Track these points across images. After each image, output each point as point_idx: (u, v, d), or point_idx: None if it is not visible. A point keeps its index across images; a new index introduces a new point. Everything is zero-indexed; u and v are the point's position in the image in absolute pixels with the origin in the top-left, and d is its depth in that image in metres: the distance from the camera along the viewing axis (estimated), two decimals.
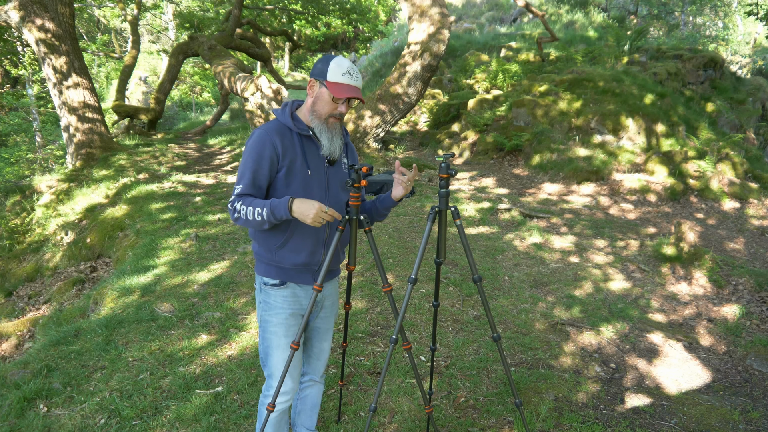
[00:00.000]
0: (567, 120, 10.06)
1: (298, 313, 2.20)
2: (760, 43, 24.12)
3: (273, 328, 2.17)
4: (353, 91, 2.02)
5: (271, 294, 2.17)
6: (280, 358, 2.18)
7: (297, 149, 2.08)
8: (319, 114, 2.08)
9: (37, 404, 3.06)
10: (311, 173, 2.10)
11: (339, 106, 2.05)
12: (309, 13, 18.13)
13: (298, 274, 2.17)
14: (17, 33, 11.81)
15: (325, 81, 2.03)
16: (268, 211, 1.96)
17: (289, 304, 2.17)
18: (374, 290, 4.63)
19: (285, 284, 2.16)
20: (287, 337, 2.17)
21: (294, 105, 2.19)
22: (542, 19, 12.18)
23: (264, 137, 2.05)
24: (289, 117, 2.11)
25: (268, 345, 2.19)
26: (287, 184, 2.08)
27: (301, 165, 2.08)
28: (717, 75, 13.30)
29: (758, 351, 3.85)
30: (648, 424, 3.01)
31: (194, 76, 25.39)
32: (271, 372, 2.20)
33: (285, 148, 2.05)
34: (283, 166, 2.06)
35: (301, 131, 2.09)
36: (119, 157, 10.27)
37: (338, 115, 2.07)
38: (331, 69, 2.02)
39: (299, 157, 2.08)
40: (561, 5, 19.43)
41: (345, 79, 2.02)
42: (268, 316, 2.18)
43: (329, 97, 2.03)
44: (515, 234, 6.29)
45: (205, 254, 5.55)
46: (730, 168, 8.73)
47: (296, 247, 2.12)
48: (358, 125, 9.64)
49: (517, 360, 3.65)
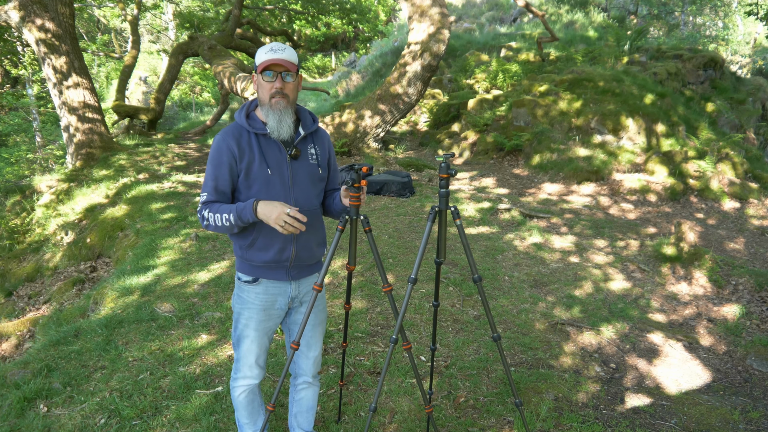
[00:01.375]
0: (567, 120, 10.06)
1: (270, 309, 2.25)
2: (760, 43, 24.12)
3: (244, 320, 2.25)
4: (272, 60, 2.00)
5: (244, 289, 2.24)
6: (249, 348, 2.27)
7: (254, 149, 2.08)
8: (263, 100, 2.08)
9: (37, 404, 3.06)
10: (271, 171, 2.10)
11: (273, 83, 2.04)
12: (309, 13, 18.13)
13: (270, 270, 2.21)
14: (17, 33, 11.81)
15: (256, 67, 2.06)
16: (235, 216, 2.01)
17: (261, 300, 2.23)
18: (374, 290, 4.63)
19: (257, 281, 2.21)
20: (257, 330, 2.25)
21: (252, 105, 2.18)
22: (542, 19, 12.18)
23: (220, 143, 2.08)
24: (245, 117, 2.11)
25: (240, 335, 2.28)
26: (248, 186, 2.10)
27: (260, 165, 2.08)
28: (717, 75, 13.30)
29: (758, 351, 3.85)
30: (648, 424, 3.01)
31: (194, 76, 25.40)
32: (239, 358, 2.31)
33: (241, 151, 2.06)
34: (241, 169, 2.07)
35: (257, 130, 2.09)
36: (119, 157, 10.27)
37: (276, 93, 2.04)
38: (257, 55, 2.06)
39: (257, 157, 2.08)
40: (561, 5, 19.42)
41: (268, 55, 2.02)
42: (241, 309, 2.26)
43: (261, 79, 2.04)
44: (515, 234, 6.29)
45: (205, 254, 5.55)
46: (730, 168, 8.73)
47: (264, 246, 2.15)
48: (358, 125, 9.64)
49: (517, 360, 3.65)
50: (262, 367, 2.34)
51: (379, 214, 6.87)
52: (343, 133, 9.72)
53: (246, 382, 2.33)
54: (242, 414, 2.42)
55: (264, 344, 2.30)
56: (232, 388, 2.38)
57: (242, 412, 2.41)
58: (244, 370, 2.31)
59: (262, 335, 2.27)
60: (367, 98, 9.89)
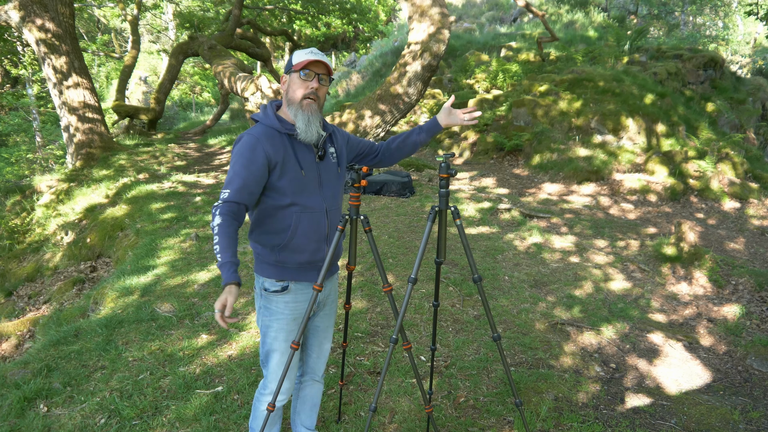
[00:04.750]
0: (567, 120, 10.06)
1: (299, 318, 2.19)
2: (760, 43, 24.12)
3: (274, 333, 2.18)
4: (314, 60, 2.03)
5: (272, 300, 2.17)
6: (280, 362, 2.20)
7: (288, 150, 2.07)
8: (293, 99, 2.07)
9: (37, 404, 3.06)
10: (305, 172, 2.09)
11: (309, 83, 2.04)
12: (309, 13, 18.13)
13: (302, 272, 2.16)
14: (17, 33, 11.81)
15: (292, 67, 2.07)
16: (220, 262, 1.91)
17: (291, 309, 2.17)
18: (374, 290, 4.62)
19: (286, 289, 2.15)
20: (287, 342, 2.19)
21: (273, 106, 2.17)
22: (542, 19, 12.18)
23: (254, 143, 2.02)
24: (275, 118, 2.10)
25: (269, 349, 2.21)
26: (281, 187, 2.06)
27: (293, 166, 2.07)
28: (717, 75, 13.30)
29: (758, 351, 3.84)
30: (648, 423, 3.01)
31: (194, 76, 25.41)
32: (269, 374, 2.24)
33: (276, 152, 2.04)
34: (276, 171, 2.05)
35: (289, 131, 2.08)
36: (119, 157, 10.27)
37: (311, 94, 2.05)
38: (296, 56, 2.07)
39: (291, 158, 2.07)
40: (561, 5, 19.42)
41: (308, 56, 2.03)
42: (269, 321, 2.18)
43: (298, 78, 2.05)
44: (515, 234, 6.29)
45: (205, 254, 5.54)
46: (730, 168, 8.73)
47: (299, 247, 2.12)
48: (358, 125, 9.64)
49: (517, 360, 3.65)
50: (292, 381, 2.27)
51: (379, 214, 6.87)
52: None
53: (279, 399, 2.25)
54: (258, 424, 2.33)
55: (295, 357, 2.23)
56: (257, 400, 2.30)
57: (259, 422, 2.32)
58: (273, 386, 2.23)
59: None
60: (367, 98, 9.89)
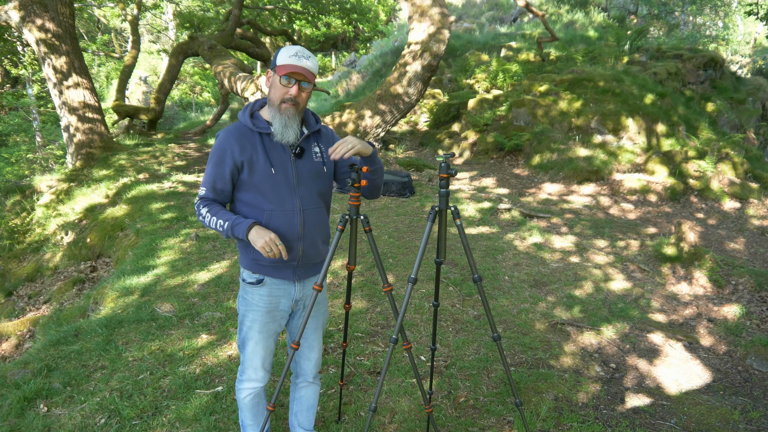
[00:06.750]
0: (567, 120, 10.06)
1: (274, 311, 2.24)
2: (760, 43, 24.11)
3: (249, 323, 2.25)
4: (296, 67, 2.00)
5: (248, 291, 2.23)
6: (254, 350, 2.27)
7: (258, 149, 2.09)
8: (272, 101, 2.08)
9: (37, 404, 3.06)
10: (275, 171, 2.09)
11: (289, 89, 2.03)
12: (309, 12, 18.13)
13: (276, 270, 2.19)
14: (17, 33, 11.81)
15: (275, 67, 2.04)
16: (229, 226, 2.04)
17: (266, 302, 2.22)
18: (374, 290, 4.62)
19: (262, 282, 2.20)
20: (261, 332, 2.25)
21: (257, 104, 2.19)
22: (542, 18, 12.18)
23: (223, 142, 2.09)
24: (248, 117, 2.12)
25: (245, 337, 2.28)
26: (252, 185, 2.10)
27: (263, 164, 2.08)
28: (717, 75, 13.30)
29: (758, 351, 3.84)
30: (648, 423, 3.01)
31: (194, 75, 25.40)
32: (244, 360, 2.31)
33: (244, 151, 2.07)
34: (244, 169, 2.08)
35: (261, 130, 2.09)
36: (119, 157, 10.27)
37: (288, 99, 2.04)
38: (280, 55, 2.04)
39: (261, 156, 2.08)
40: (561, 5, 19.42)
41: (292, 60, 2.01)
42: (246, 311, 2.25)
43: (278, 81, 2.03)
44: (515, 234, 6.29)
45: (205, 254, 5.54)
46: (730, 168, 8.73)
47: None
48: (358, 125, 9.64)
49: (517, 360, 3.65)
50: (267, 371, 2.33)
51: (379, 214, 6.87)
52: (343, 133, 9.71)
53: (251, 385, 2.32)
54: (246, 416, 2.41)
55: (269, 347, 2.30)
56: (237, 389, 2.38)
57: (246, 414, 2.40)
58: (249, 372, 2.30)
59: (267, 337, 2.26)
60: (367, 98, 9.89)
